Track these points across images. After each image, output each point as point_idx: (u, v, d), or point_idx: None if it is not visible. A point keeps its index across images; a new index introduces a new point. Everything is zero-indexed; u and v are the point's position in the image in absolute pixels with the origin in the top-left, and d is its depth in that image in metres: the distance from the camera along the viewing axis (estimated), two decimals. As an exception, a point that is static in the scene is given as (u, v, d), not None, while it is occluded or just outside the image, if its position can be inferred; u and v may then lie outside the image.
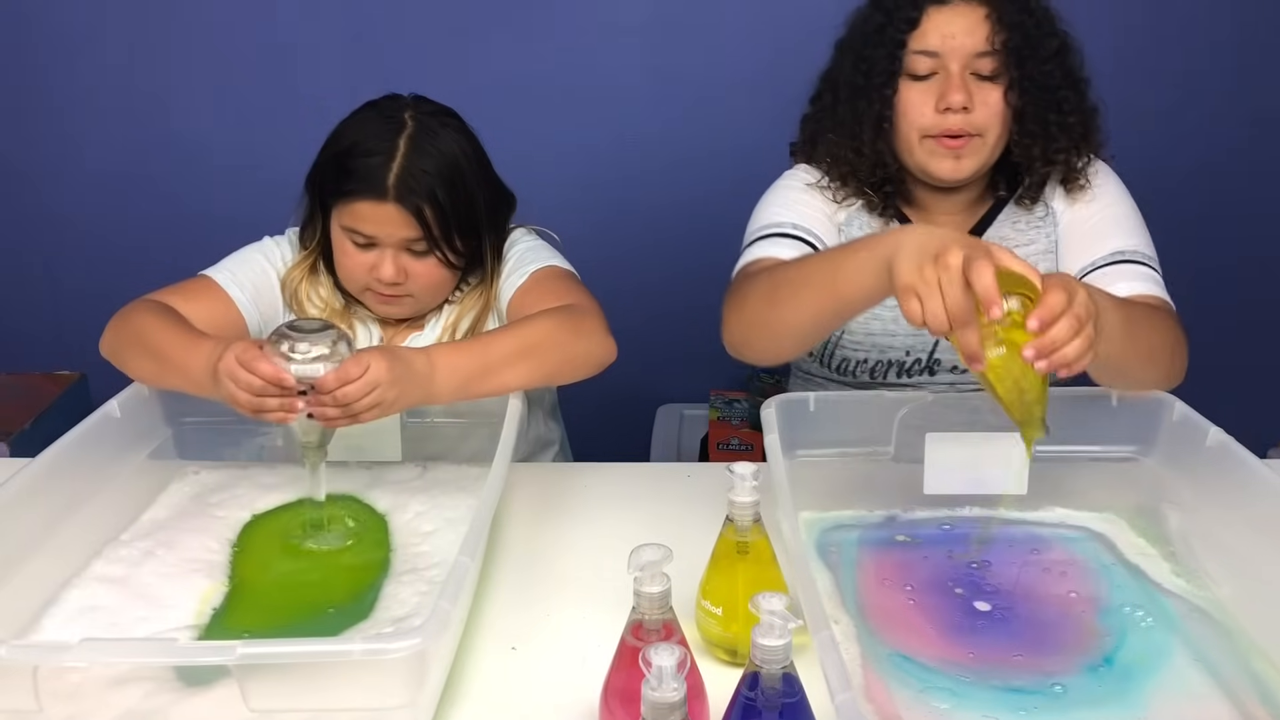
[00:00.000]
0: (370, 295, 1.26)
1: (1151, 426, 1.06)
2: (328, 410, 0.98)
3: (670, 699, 0.63)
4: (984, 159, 1.17)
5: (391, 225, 1.19)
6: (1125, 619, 0.93)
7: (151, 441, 1.16)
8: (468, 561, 0.80)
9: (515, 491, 1.20)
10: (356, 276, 1.24)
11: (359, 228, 1.20)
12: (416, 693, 0.75)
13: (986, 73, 1.13)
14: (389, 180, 1.17)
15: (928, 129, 1.14)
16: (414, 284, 1.24)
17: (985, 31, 1.11)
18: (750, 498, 0.87)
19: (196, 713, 0.77)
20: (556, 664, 0.91)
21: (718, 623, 0.89)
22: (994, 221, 1.25)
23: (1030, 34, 1.13)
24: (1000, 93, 1.13)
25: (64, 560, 0.99)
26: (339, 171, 1.20)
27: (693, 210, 2.10)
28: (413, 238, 1.20)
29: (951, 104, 1.12)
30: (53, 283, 2.31)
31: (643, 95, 2.14)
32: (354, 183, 1.19)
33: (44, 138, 2.21)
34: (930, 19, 1.12)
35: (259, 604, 0.97)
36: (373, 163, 1.18)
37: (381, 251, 1.21)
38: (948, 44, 1.12)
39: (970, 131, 1.14)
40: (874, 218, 1.25)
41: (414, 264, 1.23)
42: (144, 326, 1.14)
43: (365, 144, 1.20)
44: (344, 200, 1.20)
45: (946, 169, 1.16)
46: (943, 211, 1.25)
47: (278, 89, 2.14)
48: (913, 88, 1.14)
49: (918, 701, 0.83)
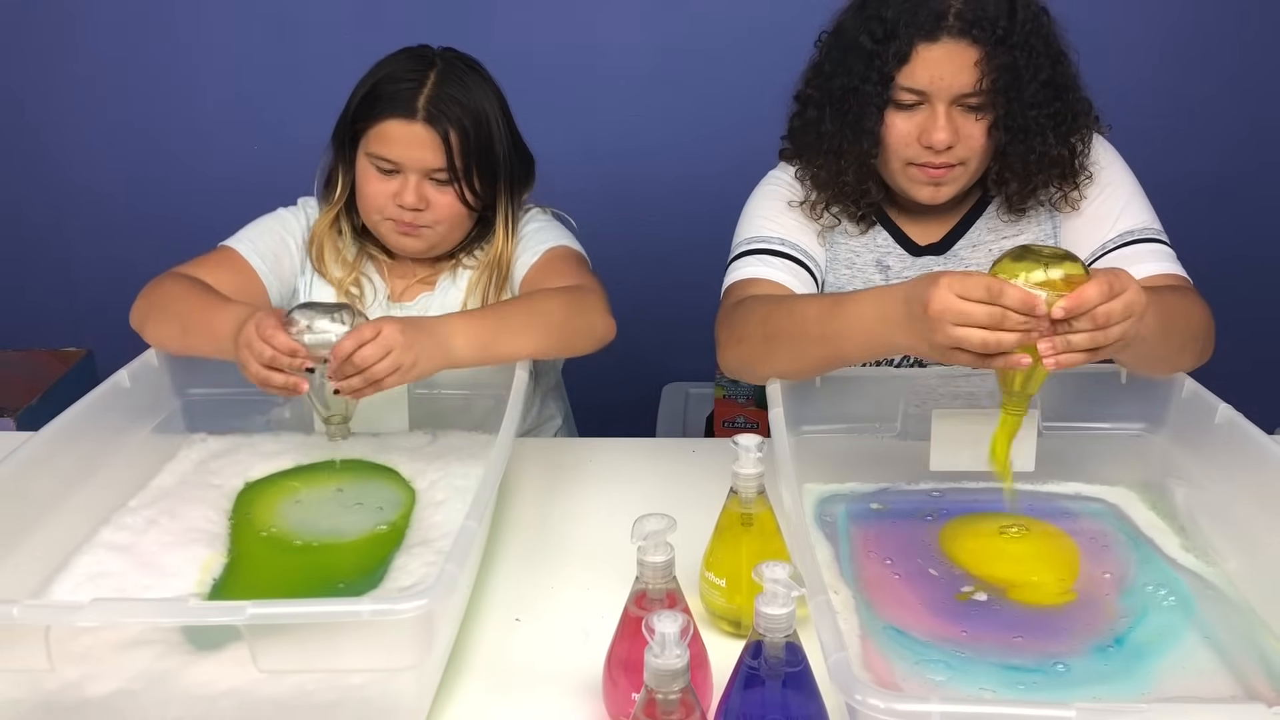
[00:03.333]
0: (389, 227, 1.28)
1: (1161, 403, 1.06)
2: (352, 381, 1.00)
3: (673, 666, 0.63)
4: (964, 184, 1.17)
5: (418, 147, 1.23)
6: (1148, 598, 0.92)
7: (160, 412, 1.16)
8: (474, 526, 0.81)
9: (521, 465, 1.20)
10: (378, 205, 1.26)
11: (385, 151, 1.24)
12: (424, 655, 0.75)
13: (972, 104, 1.12)
14: (418, 102, 1.23)
15: (911, 159, 1.14)
16: (433, 214, 1.26)
17: (974, 75, 1.09)
18: (754, 470, 0.87)
19: (206, 675, 0.77)
20: (560, 635, 0.92)
21: (721, 594, 0.89)
22: (981, 215, 1.24)
23: (1020, 74, 1.10)
24: (984, 127, 1.12)
25: (74, 526, 1.00)
26: (370, 99, 1.25)
27: (699, 188, 2.09)
28: (436, 166, 1.24)
29: (934, 144, 1.11)
30: (60, 260, 2.32)
31: (650, 72, 2.13)
32: (384, 105, 1.23)
33: (51, 118, 2.21)
34: (920, 56, 1.09)
35: (263, 577, 0.97)
36: (404, 88, 1.23)
37: (405, 178, 1.24)
38: (935, 84, 1.10)
39: (952, 163, 1.14)
40: (852, 224, 1.25)
41: (435, 194, 1.26)
42: (172, 293, 1.18)
43: (396, 74, 1.25)
44: (373, 123, 1.24)
45: (926, 195, 1.16)
46: (927, 211, 1.24)
47: (288, 59, 2.13)
48: (898, 117, 1.13)
49: (914, 673, 0.83)
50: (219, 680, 0.77)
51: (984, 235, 1.23)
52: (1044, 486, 1.09)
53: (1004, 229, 1.23)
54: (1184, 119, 2.11)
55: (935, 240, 1.24)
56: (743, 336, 1.10)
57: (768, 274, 1.18)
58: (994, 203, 1.24)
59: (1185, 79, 2.10)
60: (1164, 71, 2.09)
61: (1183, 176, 1.89)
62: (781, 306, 1.09)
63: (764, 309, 1.09)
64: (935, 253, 1.24)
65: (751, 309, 1.11)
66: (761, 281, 1.17)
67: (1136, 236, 1.16)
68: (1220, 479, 0.98)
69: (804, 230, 1.24)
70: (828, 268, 1.25)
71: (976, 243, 1.23)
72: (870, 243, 1.25)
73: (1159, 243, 1.16)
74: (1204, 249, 1.30)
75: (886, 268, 1.24)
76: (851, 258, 1.25)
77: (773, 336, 1.06)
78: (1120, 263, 1.13)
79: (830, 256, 1.25)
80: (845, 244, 1.25)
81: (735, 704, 0.70)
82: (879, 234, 1.25)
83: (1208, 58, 2.10)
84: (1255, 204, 2.20)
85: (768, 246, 1.20)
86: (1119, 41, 2.00)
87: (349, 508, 1.08)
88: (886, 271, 1.24)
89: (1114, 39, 1.94)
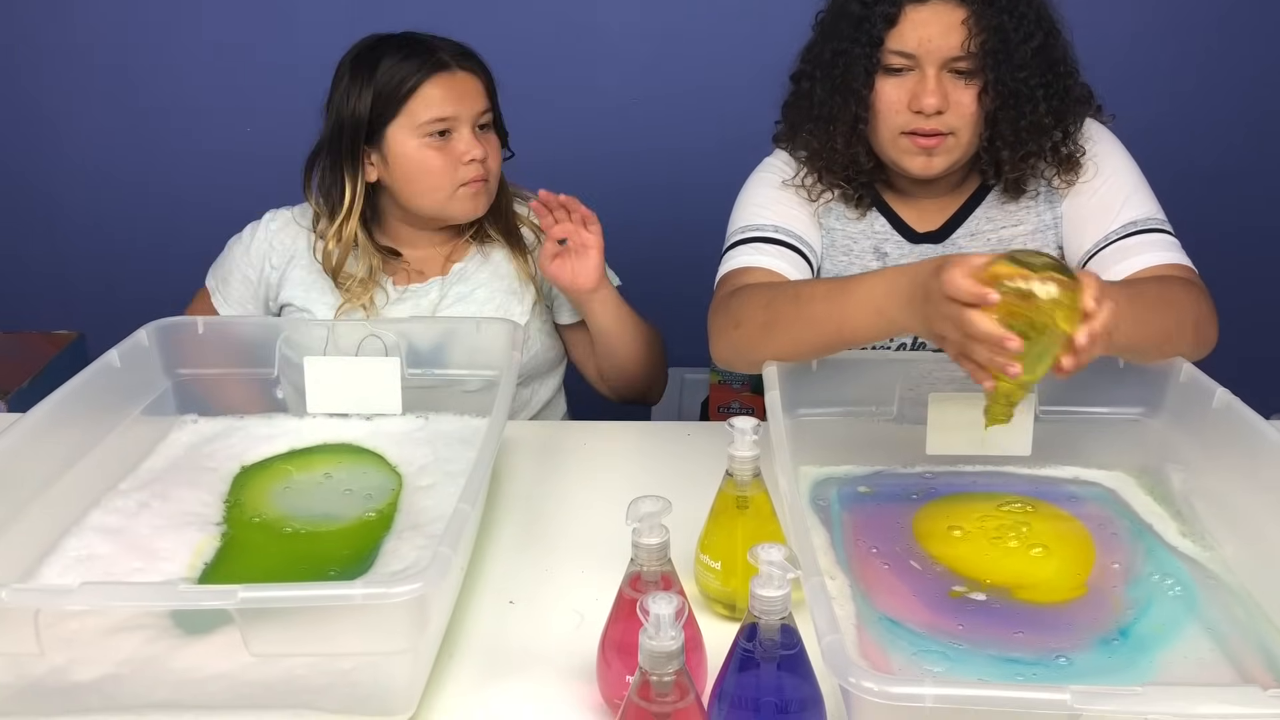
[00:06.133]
0: (464, 194, 1.30)
1: (1158, 387, 1.06)
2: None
3: (668, 647, 0.63)
4: (957, 156, 1.16)
5: (467, 94, 1.27)
6: (1154, 588, 0.90)
7: (151, 393, 1.15)
8: (467, 509, 0.80)
9: (516, 448, 1.20)
10: (450, 176, 1.29)
11: (436, 112, 1.26)
12: (417, 638, 0.75)
13: (962, 70, 1.12)
14: (446, 57, 1.26)
15: (902, 126, 1.14)
16: (491, 163, 1.30)
17: (962, 35, 1.09)
18: (750, 452, 0.86)
19: (195, 659, 0.77)
20: (555, 618, 0.91)
21: (716, 577, 0.89)
22: (980, 204, 1.23)
23: (1009, 36, 1.10)
24: (974, 93, 1.12)
25: (64, 509, 0.99)
26: (389, 84, 1.25)
27: (693, 175, 2.08)
28: (483, 109, 1.28)
29: (924, 108, 1.11)
30: (52, 243, 2.30)
31: (642, 50, 2.12)
32: (415, 74, 1.25)
33: (43, 98, 2.19)
34: (908, 18, 1.10)
35: (253, 563, 0.96)
36: (421, 59, 1.25)
37: (460, 134, 1.27)
38: (924, 46, 1.10)
39: (943, 131, 1.13)
40: (850, 208, 1.24)
41: (486, 144, 1.29)
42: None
43: (396, 52, 1.27)
44: (409, 98, 1.25)
45: (918, 165, 1.15)
46: (925, 196, 1.23)
47: (282, 39, 2.12)
48: (888, 83, 1.13)
49: (910, 664, 0.81)
50: (208, 664, 0.76)
51: (982, 224, 1.23)
52: (1041, 470, 1.09)
53: (1002, 218, 1.22)
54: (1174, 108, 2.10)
55: (934, 228, 1.23)
56: (740, 321, 1.09)
57: (763, 262, 1.17)
58: (993, 191, 1.23)
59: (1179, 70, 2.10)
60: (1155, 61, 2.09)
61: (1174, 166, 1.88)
62: (785, 290, 1.09)
63: (765, 294, 1.09)
64: (933, 240, 1.23)
65: (751, 295, 1.10)
66: (757, 270, 1.16)
67: (1140, 227, 1.15)
68: (1217, 464, 0.98)
69: (799, 215, 1.23)
70: (824, 254, 1.24)
71: (975, 231, 1.23)
72: (868, 229, 1.24)
73: (1162, 232, 1.15)
74: (1200, 239, 1.29)
75: (884, 254, 1.23)
76: (849, 244, 1.24)
77: (774, 321, 1.05)
78: (1122, 253, 1.14)
79: (827, 243, 1.24)
80: (842, 230, 1.24)
81: (730, 686, 0.69)
82: (876, 220, 1.24)
83: (1207, 52, 2.09)
84: (1249, 194, 2.19)
85: (762, 235, 1.20)
86: (1116, 30, 1.99)
87: (339, 494, 1.07)
88: (884, 258, 1.23)
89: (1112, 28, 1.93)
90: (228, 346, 1.19)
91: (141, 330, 1.15)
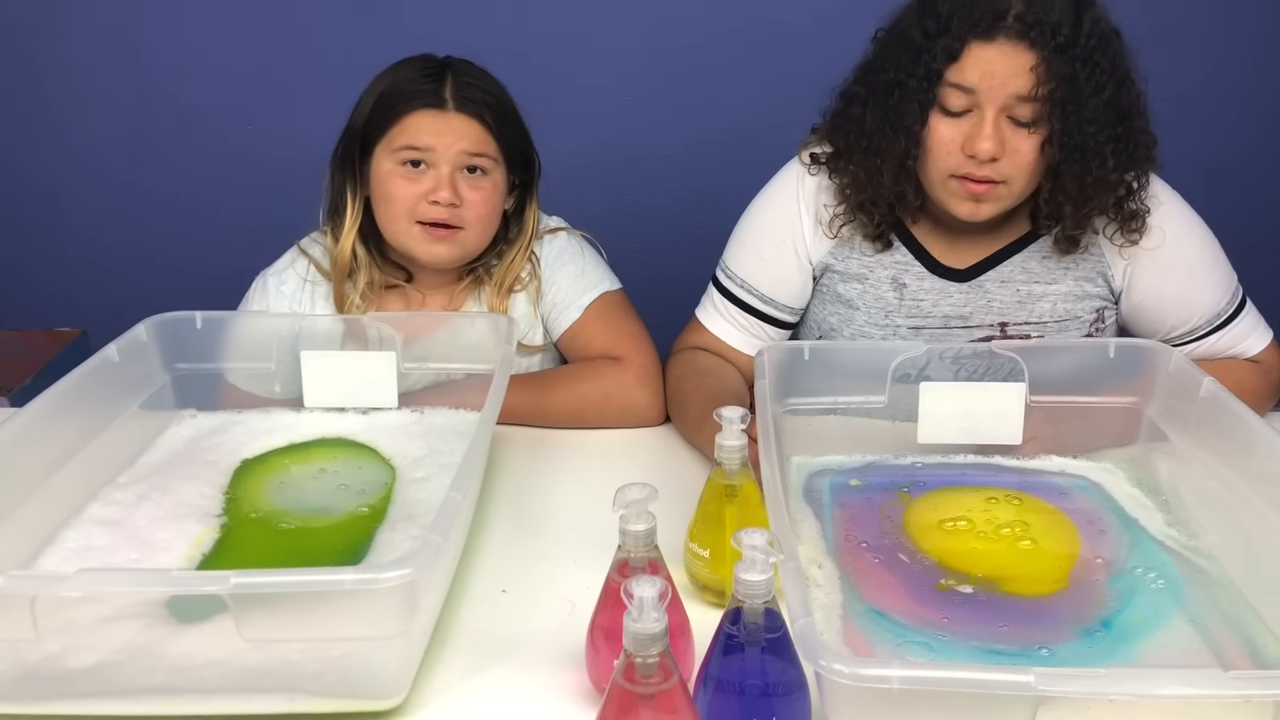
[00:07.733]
0: (418, 233, 1.22)
1: (1147, 377, 1.06)
2: None
3: (651, 629, 0.63)
4: (1007, 205, 1.10)
5: (451, 133, 1.19)
6: (1136, 581, 0.90)
7: (149, 387, 1.16)
8: (458, 497, 0.81)
9: (507, 438, 1.21)
10: (406, 208, 1.21)
11: (415, 141, 1.19)
12: (409, 623, 0.76)
13: (1024, 119, 1.04)
14: (445, 92, 1.20)
15: (953, 169, 1.08)
16: (467, 213, 1.21)
17: (1029, 81, 1.02)
18: (738, 441, 0.87)
19: (189, 647, 0.77)
20: (546, 606, 0.92)
21: (705, 565, 0.90)
22: (1022, 250, 1.17)
23: (1080, 88, 1.02)
24: (1036, 143, 1.05)
25: (61, 502, 1.00)
26: (388, 99, 1.21)
27: (687, 172, 2.09)
28: (472, 150, 1.20)
29: (978, 152, 1.04)
30: (55, 240, 2.31)
31: (647, 53, 2.12)
32: (407, 101, 1.20)
33: (45, 96, 2.20)
34: (972, 54, 1.03)
35: (249, 556, 0.97)
36: (425, 85, 1.21)
37: (436, 173, 1.20)
38: (986, 83, 1.03)
39: (995, 179, 1.07)
40: (867, 242, 1.19)
41: (468, 190, 1.21)
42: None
43: (410, 74, 1.22)
44: (395, 122, 1.20)
45: (965, 210, 1.10)
46: (965, 233, 1.18)
47: (284, 37, 2.12)
48: (943, 123, 1.06)
49: (894, 655, 0.81)
50: (202, 651, 0.77)
51: (1016, 273, 1.17)
52: (1030, 463, 1.09)
53: (1042, 273, 1.17)
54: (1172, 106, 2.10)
55: (963, 265, 1.18)
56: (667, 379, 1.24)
57: (721, 330, 1.24)
58: (1038, 242, 1.17)
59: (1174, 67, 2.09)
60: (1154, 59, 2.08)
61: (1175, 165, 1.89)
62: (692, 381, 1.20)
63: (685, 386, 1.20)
64: (958, 279, 1.18)
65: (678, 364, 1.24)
66: (707, 334, 1.24)
67: (1224, 317, 1.17)
68: (1203, 452, 0.98)
69: (790, 270, 1.20)
70: (837, 281, 1.22)
71: (1006, 279, 1.17)
72: (886, 258, 1.19)
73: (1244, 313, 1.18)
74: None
75: (903, 285, 1.19)
76: (864, 273, 1.20)
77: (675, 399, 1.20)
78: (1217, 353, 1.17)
79: (841, 270, 1.21)
80: (858, 259, 1.20)
81: (715, 670, 0.70)
82: (897, 249, 1.19)
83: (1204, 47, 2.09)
84: (1247, 191, 2.18)
85: (735, 294, 1.23)
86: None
87: (334, 488, 1.08)
88: (902, 289, 1.19)
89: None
90: (225, 341, 1.19)
91: (140, 325, 1.16)
